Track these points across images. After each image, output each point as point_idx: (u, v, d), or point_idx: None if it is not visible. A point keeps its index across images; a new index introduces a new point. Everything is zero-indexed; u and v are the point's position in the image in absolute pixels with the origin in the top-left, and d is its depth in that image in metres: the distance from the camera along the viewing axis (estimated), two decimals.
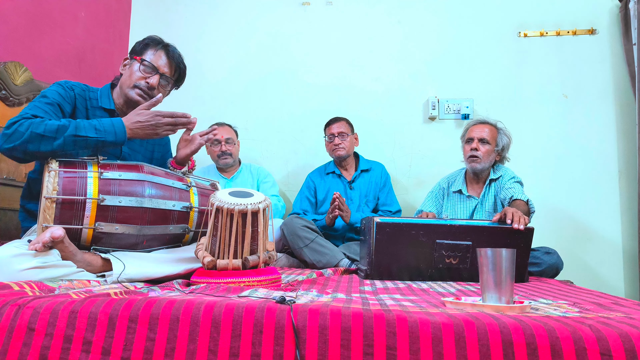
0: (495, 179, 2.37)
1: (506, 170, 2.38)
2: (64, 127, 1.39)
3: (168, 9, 3.36)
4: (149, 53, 1.63)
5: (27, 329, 0.86)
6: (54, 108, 1.50)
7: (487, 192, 2.38)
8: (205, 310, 0.87)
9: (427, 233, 1.77)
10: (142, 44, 1.65)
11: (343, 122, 2.78)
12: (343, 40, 3.24)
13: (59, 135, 1.38)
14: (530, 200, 2.14)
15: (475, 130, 2.39)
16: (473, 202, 2.39)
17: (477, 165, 2.35)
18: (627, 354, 0.77)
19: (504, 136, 2.39)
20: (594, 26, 3.01)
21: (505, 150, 2.40)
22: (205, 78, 3.27)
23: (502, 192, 2.28)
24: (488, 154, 2.34)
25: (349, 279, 1.80)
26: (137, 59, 1.63)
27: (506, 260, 1.03)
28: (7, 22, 2.25)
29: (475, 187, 2.43)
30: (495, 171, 2.40)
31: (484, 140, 2.34)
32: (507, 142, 2.39)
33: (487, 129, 2.37)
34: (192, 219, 1.57)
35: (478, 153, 2.33)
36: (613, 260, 2.83)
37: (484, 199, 2.37)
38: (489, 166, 2.38)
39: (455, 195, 2.46)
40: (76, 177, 1.39)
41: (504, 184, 2.31)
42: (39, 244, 1.25)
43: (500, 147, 2.37)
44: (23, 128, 1.37)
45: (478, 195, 2.40)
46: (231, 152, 2.81)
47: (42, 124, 1.38)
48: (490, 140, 2.35)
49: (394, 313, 0.85)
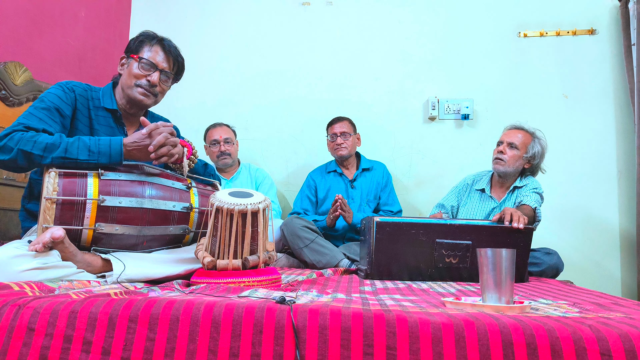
0: (520, 186, 2.32)
1: (533, 181, 2.32)
2: (52, 147, 1.36)
3: (168, 9, 3.36)
4: (145, 50, 1.61)
5: (27, 329, 0.86)
6: (50, 113, 1.48)
7: (508, 199, 2.33)
8: (205, 310, 0.87)
9: (427, 232, 1.77)
10: (137, 41, 1.63)
11: (346, 122, 2.78)
12: (343, 40, 3.24)
13: (46, 154, 1.36)
14: (539, 209, 2.12)
15: (508, 134, 2.36)
16: (492, 204, 2.35)
17: (500, 168, 2.31)
18: (627, 354, 0.77)
19: (537, 145, 2.31)
20: (594, 26, 3.02)
21: (537, 158, 2.32)
22: (205, 78, 3.27)
23: (519, 199, 2.25)
24: (515, 159, 2.30)
25: (349, 279, 1.80)
26: (135, 57, 1.60)
27: (506, 260, 1.03)
28: (7, 22, 2.25)
29: (499, 191, 2.39)
30: (522, 179, 2.35)
31: (513, 145, 2.30)
32: (539, 151, 2.31)
33: (520, 134, 2.33)
34: (193, 219, 1.57)
35: (503, 156, 2.30)
36: (612, 260, 2.83)
37: (503, 204, 2.33)
38: (515, 172, 2.33)
39: (476, 193, 2.43)
40: (76, 178, 1.38)
41: (525, 192, 2.27)
42: (39, 244, 1.25)
43: (530, 154, 2.30)
44: (12, 143, 1.36)
45: (499, 199, 2.36)
46: (230, 152, 2.81)
47: (30, 140, 1.36)
48: (519, 146, 2.30)
49: (394, 313, 0.85)
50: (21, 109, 2.12)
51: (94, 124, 1.60)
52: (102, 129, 1.62)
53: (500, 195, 2.37)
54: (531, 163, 2.33)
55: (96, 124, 1.61)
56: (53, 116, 1.49)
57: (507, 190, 2.36)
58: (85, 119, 1.59)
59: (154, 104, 1.67)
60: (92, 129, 1.60)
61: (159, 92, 1.64)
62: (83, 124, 1.59)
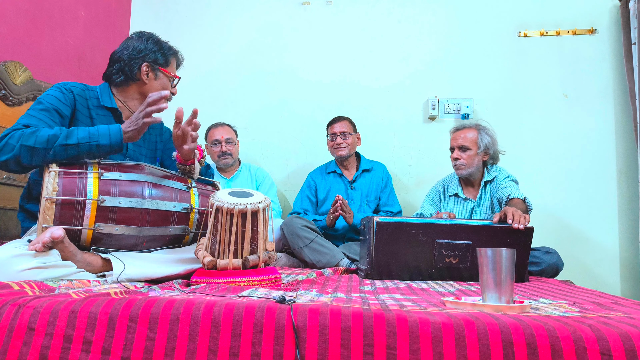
0: (490, 180, 2.36)
1: (500, 170, 2.37)
2: (54, 137, 1.36)
3: (168, 9, 3.36)
4: (173, 66, 1.72)
5: (27, 329, 0.86)
6: (49, 114, 1.47)
7: (483, 194, 2.37)
8: (205, 309, 0.87)
9: (427, 233, 1.77)
10: (165, 55, 1.68)
11: (346, 122, 2.78)
12: (343, 39, 3.24)
13: (49, 146, 1.35)
14: (528, 198, 2.15)
15: (455, 138, 2.40)
16: (470, 205, 2.39)
17: (463, 172, 2.36)
18: (627, 353, 0.77)
19: (485, 136, 2.35)
20: (594, 26, 3.02)
21: (490, 148, 2.36)
22: (205, 78, 3.27)
23: (498, 192, 2.28)
24: (471, 159, 2.34)
25: (349, 278, 1.80)
26: (168, 74, 1.69)
27: (506, 260, 1.03)
28: (7, 21, 2.24)
29: (471, 190, 2.43)
30: (489, 172, 2.39)
31: (463, 147, 2.34)
32: (489, 141, 2.35)
33: (465, 134, 2.36)
34: (193, 219, 1.56)
35: (460, 161, 2.35)
36: (612, 259, 2.83)
37: (480, 201, 2.37)
38: (478, 169, 2.37)
39: (451, 199, 2.46)
40: (76, 178, 1.38)
41: (499, 184, 2.31)
42: (39, 244, 1.25)
43: (482, 148, 2.34)
44: (14, 140, 1.35)
45: (474, 197, 2.40)
46: (231, 152, 2.81)
47: (32, 135, 1.35)
48: (470, 145, 2.33)
49: (394, 313, 0.85)
50: (21, 108, 2.12)
51: (95, 123, 1.60)
52: None
53: (474, 194, 2.41)
54: (488, 154, 2.37)
55: (98, 123, 1.60)
56: (52, 117, 1.48)
57: (478, 187, 2.40)
58: (85, 119, 1.59)
59: None
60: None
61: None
62: (84, 123, 1.58)
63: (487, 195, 2.37)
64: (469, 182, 2.43)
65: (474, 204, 2.38)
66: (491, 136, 2.37)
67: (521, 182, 2.53)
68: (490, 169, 2.40)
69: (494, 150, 2.39)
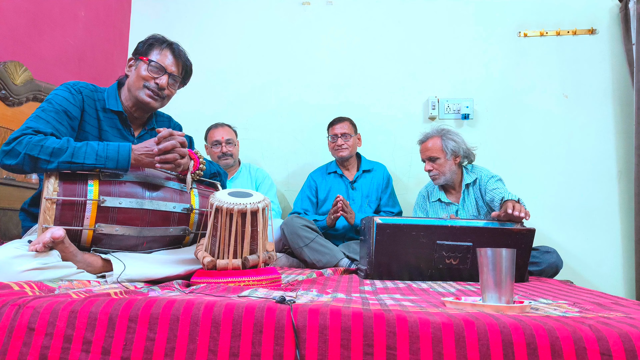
0: (471, 182, 2.35)
1: (482, 171, 2.35)
2: (59, 151, 1.35)
3: (168, 9, 3.36)
4: (154, 53, 1.61)
5: (27, 329, 0.86)
6: (58, 116, 1.47)
7: (466, 197, 2.36)
8: (205, 310, 0.87)
9: (428, 234, 1.77)
10: (147, 44, 1.63)
11: (346, 123, 2.78)
12: (343, 40, 3.23)
13: (53, 159, 1.35)
14: (522, 200, 2.14)
15: (422, 151, 2.41)
16: (454, 208, 2.39)
17: (440, 181, 2.37)
18: (627, 354, 0.77)
19: (448, 141, 2.33)
20: (594, 26, 3.01)
21: (459, 150, 2.33)
22: (205, 78, 3.27)
23: (487, 194, 2.25)
24: (443, 166, 2.33)
25: (349, 278, 1.80)
26: (144, 60, 1.60)
27: (506, 260, 1.03)
28: (7, 22, 2.24)
29: (453, 193, 2.43)
30: (469, 173, 2.37)
31: (432, 158, 2.34)
32: (455, 145, 2.32)
33: (429, 144, 2.36)
34: (193, 220, 1.56)
35: (434, 172, 2.35)
36: (611, 259, 2.83)
37: (464, 203, 2.36)
38: (453, 173, 2.36)
39: (436, 204, 2.46)
40: (77, 178, 1.38)
41: (484, 185, 2.28)
42: (40, 244, 1.25)
43: (450, 153, 2.32)
44: (20, 147, 1.35)
45: (457, 200, 2.39)
46: (232, 152, 2.81)
47: (38, 145, 1.35)
48: (437, 154, 2.33)
49: (394, 313, 0.85)
50: (21, 108, 2.12)
51: (103, 126, 1.60)
52: (110, 130, 1.62)
53: (457, 197, 2.41)
54: (458, 156, 2.35)
55: (105, 126, 1.60)
56: (61, 119, 1.48)
57: (460, 189, 2.39)
58: (93, 121, 1.59)
59: (160, 107, 1.68)
60: (100, 131, 1.60)
61: (167, 95, 1.65)
62: (91, 125, 1.58)
63: (471, 197, 2.35)
64: (448, 186, 2.43)
65: (457, 207, 2.38)
66: (454, 139, 2.34)
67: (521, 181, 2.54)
68: (470, 170, 2.38)
69: (465, 151, 2.36)
